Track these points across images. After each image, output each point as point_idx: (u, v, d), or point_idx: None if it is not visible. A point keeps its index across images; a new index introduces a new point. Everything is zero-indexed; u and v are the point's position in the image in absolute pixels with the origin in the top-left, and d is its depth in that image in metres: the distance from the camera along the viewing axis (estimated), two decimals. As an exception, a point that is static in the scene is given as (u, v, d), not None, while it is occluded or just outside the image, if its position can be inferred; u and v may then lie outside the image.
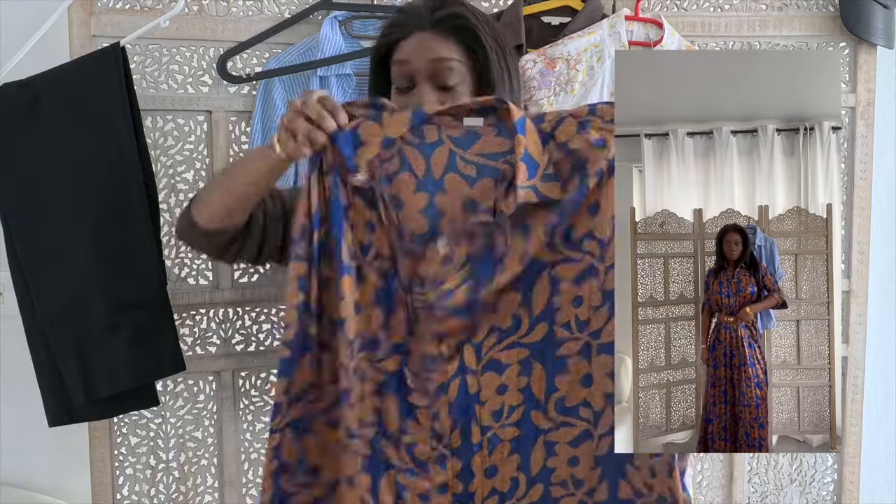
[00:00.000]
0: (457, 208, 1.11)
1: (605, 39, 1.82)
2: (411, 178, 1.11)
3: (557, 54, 1.81)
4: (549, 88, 1.81)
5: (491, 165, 1.11)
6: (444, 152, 1.11)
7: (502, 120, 1.12)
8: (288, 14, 1.87)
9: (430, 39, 1.22)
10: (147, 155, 1.70)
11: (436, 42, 1.22)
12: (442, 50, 1.21)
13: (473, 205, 1.11)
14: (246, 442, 1.96)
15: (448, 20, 1.22)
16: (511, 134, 1.09)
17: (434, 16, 1.22)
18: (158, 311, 1.68)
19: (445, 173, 1.11)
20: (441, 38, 1.22)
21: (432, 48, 1.21)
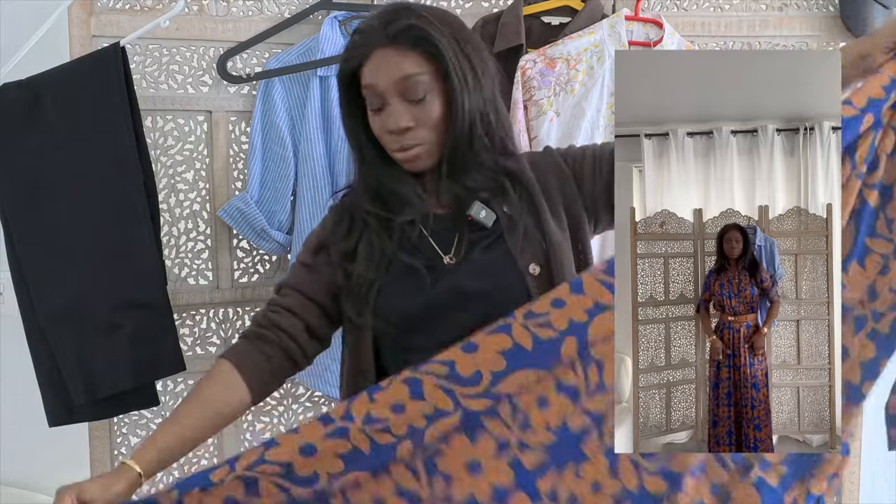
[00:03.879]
0: None
1: (605, 39, 1.82)
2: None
3: (557, 54, 1.81)
4: (549, 88, 1.81)
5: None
6: None
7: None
8: (288, 14, 1.88)
9: (391, 56, 1.22)
10: (147, 155, 1.70)
11: (397, 57, 1.22)
12: (405, 66, 1.21)
13: None
14: (246, 442, 1.96)
15: (404, 33, 1.22)
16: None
17: (388, 30, 1.22)
18: (158, 311, 1.68)
19: None
20: (401, 52, 1.22)
21: (396, 65, 1.21)
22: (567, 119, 1.80)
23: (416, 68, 1.22)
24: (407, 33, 1.22)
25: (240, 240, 1.93)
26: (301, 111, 1.86)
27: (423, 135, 1.23)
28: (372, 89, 1.23)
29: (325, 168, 1.84)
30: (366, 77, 1.23)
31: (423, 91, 1.22)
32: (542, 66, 1.80)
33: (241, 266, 1.94)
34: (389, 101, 1.22)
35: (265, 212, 1.86)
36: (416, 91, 1.22)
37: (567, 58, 1.81)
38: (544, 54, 1.81)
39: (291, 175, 1.86)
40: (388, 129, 1.23)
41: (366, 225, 1.29)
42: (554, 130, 1.80)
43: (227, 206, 1.86)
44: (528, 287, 1.24)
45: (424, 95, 1.22)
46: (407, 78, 1.21)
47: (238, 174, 1.91)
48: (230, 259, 1.92)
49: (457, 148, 1.25)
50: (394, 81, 1.21)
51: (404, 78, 1.21)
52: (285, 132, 1.85)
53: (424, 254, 1.27)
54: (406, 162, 1.25)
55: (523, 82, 1.80)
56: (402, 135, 1.23)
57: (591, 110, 1.80)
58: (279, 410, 1.98)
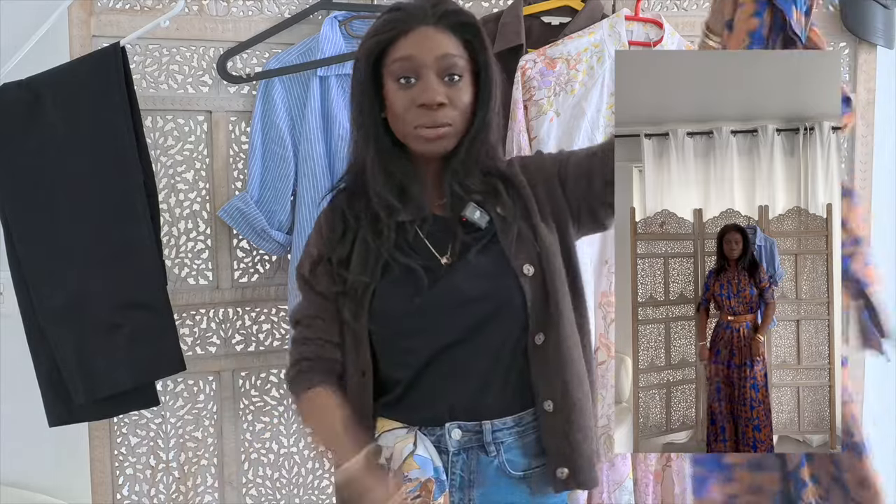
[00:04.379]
0: None
1: (605, 39, 1.82)
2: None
3: (557, 54, 1.81)
4: (549, 88, 1.80)
5: None
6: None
7: None
8: (288, 14, 1.87)
9: (434, 34, 1.24)
10: (147, 155, 1.70)
11: (440, 36, 1.24)
12: (447, 45, 1.24)
13: None
14: (246, 442, 1.96)
15: (450, 16, 1.25)
16: None
17: (435, 10, 1.24)
18: (158, 311, 1.68)
19: None
20: (444, 33, 1.24)
21: (438, 43, 1.23)
22: (567, 119, 1.80)
23: (457, 50, 1.25)
24: (453, 17, 1.25)
25: (240, 240, 1.93)
26: (301, 111, 1.86)
27: (454, 115, 1.24)
28: (409, 61, 1.23)
29: (325, 168, 1.84)
30: (402, 50, 1.24)
31: (460, 72, 1.24)
32: (542, 66, 1.80)
33: (241, 266, 1.94)
34: (425, 75, 1.23)
35: (265, 212, 1.86)
36: (454, 68, 1.23)
37: (567, 58, 1.81)
38: (544, 54, 1.81)
39: (291, 175, 1.86)
40: (421, 103, 1.22)
41: (359, 226, 1.29)
42: (554, 130, 1.80)
43: (227, 206, 1.86)
44: (522, 288, 1.25)
45: (460, 77, 1.24)
46: (448, 56, 1.23)
47: (238, 174, 1.91)
48: (230, 259, 1.92)
49: (476, 137, 1.27)
50: (435, 56, 1.23)
51: (445, 55, 1.23)
52: (285, 132, 1.85)
53: (421, 255, 1.27)
54: (432, 140, 1.25)
55: (523, 82, 1.80)
56: (435, 111, 1.23)
57: (591, 110, 1.80)
58: (279, 410, 1.98)
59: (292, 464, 2.00)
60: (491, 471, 1.28)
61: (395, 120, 1.26)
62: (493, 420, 1.27)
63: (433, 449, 1.25)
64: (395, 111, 1.25)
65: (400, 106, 1.24)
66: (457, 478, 1.27)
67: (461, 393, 1.26)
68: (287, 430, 1.99)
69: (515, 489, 1.29)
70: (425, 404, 1.26)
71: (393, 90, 1.25)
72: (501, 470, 1.28)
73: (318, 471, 2.02)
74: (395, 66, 1.24)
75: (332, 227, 1.32)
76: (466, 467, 1.27)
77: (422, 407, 1.27)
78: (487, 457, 1.27)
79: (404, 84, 1.23)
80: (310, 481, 2.02)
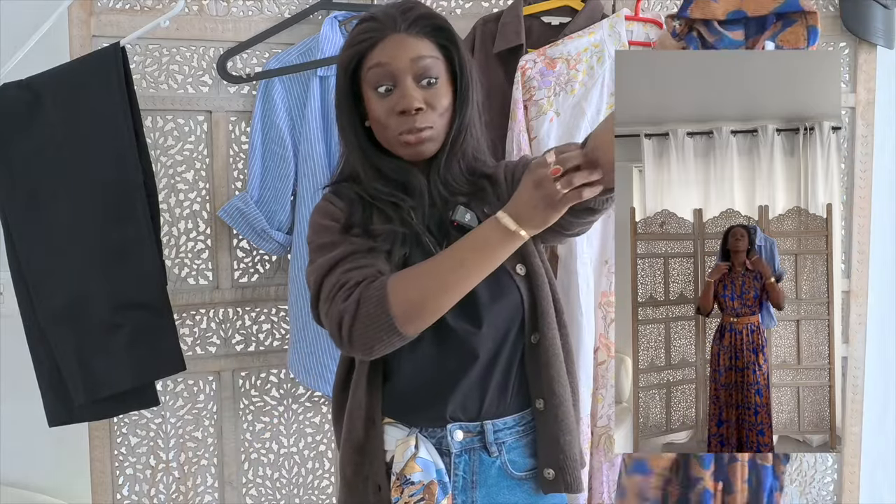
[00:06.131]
0: None
1: (605, 39, 1.82)
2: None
3: (557, 54, 1.81)
4: (549, 88, 1.80)
5: None
6: None
7: None
8: (288, 14, 1.88)
9: (406, 39, 1.24)
10: (147, 155, 1.70)
11: (413, 41, 1.24)
12: (420, 48, 1.24)
13: None
14: (246, 442, 1.96)
15: (421, 21, 1.25)
16: None
17: (406, 17, 1.25)
18: (158, 311, 1.68)
19: None
20: (417, 38, 1.25)
21: (412, 47, 1.24)
22: (567, 119, 1.80)
23: (431, 53, 1.25)
24: (424, 22, 1.25)
25: (240, 240, 1.93)
26: (301, 111, 1.86)
27: (433, 118, 1.24)
28: (384, 68, 1.23)
29: (325, 168, 1.84)
30: (376, 58, 1.24)
31: (436, 74, 1.24)
32: (542, 66, 1.80)
33: (241, 266, 1.94)
34: (402, 81, 1.23)
35: (265, 212, 1.86)
36: (429, 71, 1.23)
37: (567, 58, 1.81)
38: (544, 54, 1.81)
39: (291, 175, 1.86)
40: (401, 109, 1.23)
41: (373, 203, 1.27)
42: (554, 130, 1.80)
43: (227, 206, 1.86)
44: (518, 287, 1.26)
45: (436, 80, 1.24)
46: (422, 58, 1.23)
47: (238, 174, 1.91)
48: (230, 259, 1.92)
49: (457, 139, 1.27)
50: (409, 60, 1.23)
51: (419, 58, 1.23)
52: (285, 132, 1.85)
53: (422, 249, 1.27)
54: (414, 145, 1.25)
55: (523, 82, 1.80)
56: (414, 116, 1.23)
57: (591, 110, 1.80)
58: (279, 410, 1.98)
59: (292, 464, 2.00)
60: (493, 471, 1.28)
61: (377, 128, 1.27)
62: (495, 420, 1.27)
63: (434, 451, 1.25)
64: (377, 120, 1.26)
65: (380, 115, 1.25)
66: (459, 479, 1.27)
67: (462, 393, 1.26)
68: (287, 430, 1.99)
69: (518, 490, 1.29)
70: (427, 405, 1.27)
71: (373, 100, 1.25)
72: (503, 470, 1.28)
73: (318, 471, 2.03)
74: (370, 75, 1.24)
75: (352, 201, 1.28)
76: (469, 468, 1.27)
77: (423, 408, 1.27)
78: (490, 457, 1.28)
79: (383, 93, 1.24)
80: (310, 481, 2.02)
